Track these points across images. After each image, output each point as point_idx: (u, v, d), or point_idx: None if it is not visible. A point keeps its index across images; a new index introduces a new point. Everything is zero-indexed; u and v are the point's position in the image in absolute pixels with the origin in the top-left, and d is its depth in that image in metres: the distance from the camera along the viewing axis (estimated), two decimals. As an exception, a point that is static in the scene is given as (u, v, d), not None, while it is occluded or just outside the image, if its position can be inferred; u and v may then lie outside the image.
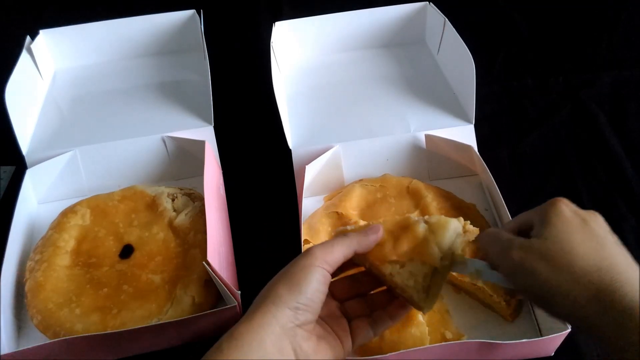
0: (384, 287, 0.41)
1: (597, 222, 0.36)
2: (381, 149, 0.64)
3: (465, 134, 0.64)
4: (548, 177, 0.66)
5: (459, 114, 0.66)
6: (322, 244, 0.38)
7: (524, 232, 0.38)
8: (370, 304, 0.41)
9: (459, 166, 0.64)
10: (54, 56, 0.77)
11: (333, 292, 0.41)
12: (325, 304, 0.38)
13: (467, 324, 0.52)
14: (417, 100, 0.69)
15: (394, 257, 0.38)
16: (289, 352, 0.34)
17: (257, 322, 0.34)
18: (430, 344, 0.48)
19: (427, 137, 0.63)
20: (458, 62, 0.67)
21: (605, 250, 0.34)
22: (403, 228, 0.40)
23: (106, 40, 0.77)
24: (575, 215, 0.37)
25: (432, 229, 0.39)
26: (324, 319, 0.39)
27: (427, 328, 0.49)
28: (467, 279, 0.52)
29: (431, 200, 0.59)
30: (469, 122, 0.65)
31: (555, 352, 0.49)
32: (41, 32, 0.74)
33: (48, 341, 0.48)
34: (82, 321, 0.50)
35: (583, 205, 0.38)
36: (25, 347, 0.46)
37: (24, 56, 0.68)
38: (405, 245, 0.39)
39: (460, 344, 0.46)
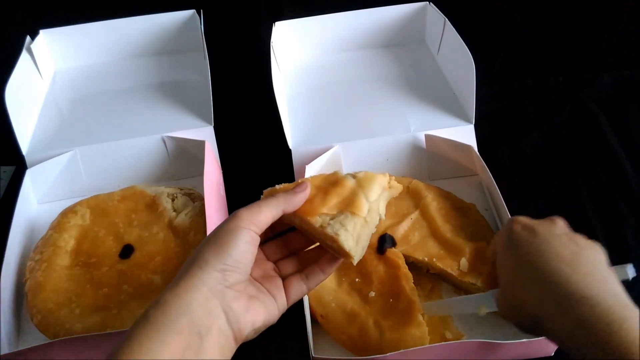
0: (315, 245, 0.43)
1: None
2: (381, 149, 0.64)
3: (465, 134, 0.64)
4: (548, 177, 0.66)
5: (459, 114, 0.66)
6: (249, 206, 0.38)
7: None
8: (302, 262, 0.42)
9: (459, 166, 0.64)
10: (54, 56, 0.77)
11: (266, 254, 0.42)
12: (259, 265, 0.40)
13: (467, 324, 0.52)
14: (417, 100, 0.69)
15: (324, 210, 0.39)
16: (218, 313, 0.34)
17: (184, 286, 0.34)
18: (430, 344, 0.48)
19: (427, 137, 0.63)
20: (458, 62, 0.67)
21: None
22: (332, 183, 0.41)
23: (106, 40, 0.77)
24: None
25: (359, 183, 0.41)
26: (258, 280, 0.39)
27: (427, 328, 0.49)
28: (467, 279, 0.52)
29: (431, 200, 0.59)
30: (469, 122, 0.65)
31: (555, 352, 0.49)
32: (41, 32, 0.74)
33: (48, 341, 0.48)
34: (82, 321, 0.50)
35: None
36: (25, 347, 0.46)
37: (24, 56, 0.68)
38: (334, 199, 0.40)
39: (460, 343, 0.46)
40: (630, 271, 0.38)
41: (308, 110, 0.69)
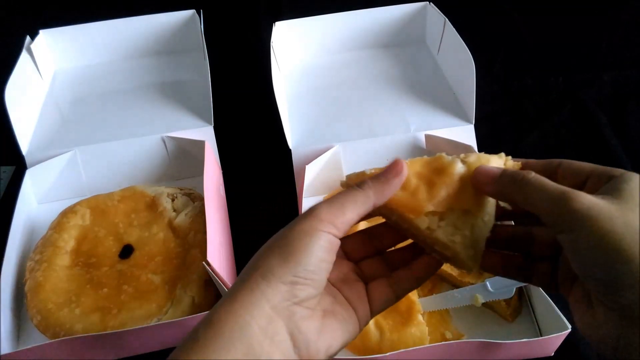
0: (407, 242, 0.35)
1: None
2: (381, 149, 0.64)
3: (465, 134, 0.64)
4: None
5: (459, 114, 0.66)
6: (329, 201, 0.30)
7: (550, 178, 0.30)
8: (389, 263, 0.35)
9: (459, 166, 0.64)
10: (54, 56, 0.77)
11: (346, 251, 0.35)
12: (337, 266, 0.32)
13: (467, 324, 0.52)
14: (417, 100, 0.69)
15: (431, 207, 0.31)
16: (283, 338, 0.27)
17: (241, 302, 0.27)
18: (430, 344, 0.48)
19: (427, 137, 0.63)
20: (458, 62, 0.67)
21: None
22: (437, 171, 0.33)
23: (106, 40, 0.77)
24: None
25: (471, 169, 0.32)
26: (336, 285, 0.33)
27: (427, 328, 0.49)
28: (467, 279, 0.52)
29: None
30: (469, 122, 0.65)
31: (555, 352, 0.49)
32: (41, 32, 0.74)
33: (48, 341, 0.48)
34: (82, 321, 0.50)
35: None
36: (25, 347, 0.46)
37: (24, 56, 0.68)
38: (442, 191, 0.31)
39: (460, 343, 0.46)
40: None
41: (308, 110, 0.69)
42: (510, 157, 0.34)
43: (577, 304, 0.29)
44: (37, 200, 0.64)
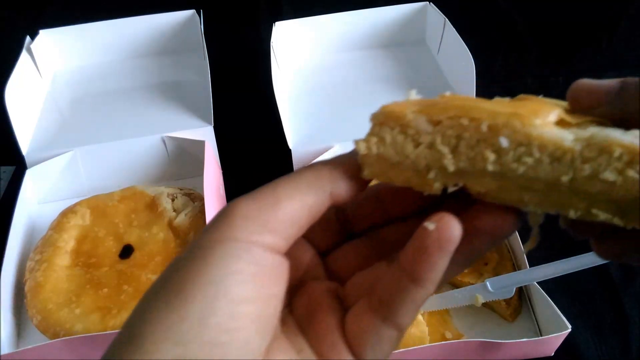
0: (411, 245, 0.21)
1: None
2: (381, 149, 0.64)
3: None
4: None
5: (459, 114, 0.66)
6: (257, 192, 0.21)
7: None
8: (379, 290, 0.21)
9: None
10: (54, 56, 0.77)
11: (332, 264, 0.23)
12: (309, 290, 0.22)
13: (467, 324, 0.52)
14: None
15: (551, 117, 0.20)
16: None
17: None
18: (430, 343, 0.48)
19: (427, 137, 0.63)
20: (458, 62, 0.67)
21: None
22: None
23: (106, 40, 0.77)
24: None
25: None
26: (298, 321, 0.21)
27: (427, 328, 0.49)
28: (467, 280, 0.52)
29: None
30: (469, 122, 0.64)
31: (555, 352, 0.49)
32: (41, 32, 0.74)
33: (48, 341, 0.48)
34: (82, 321, 0.50)
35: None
36: (25, 347, 0.46)
37: (24, 56, 0.68)
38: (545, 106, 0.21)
39: (460, 343, 0.46)
40: None
41: (308, 110, 0.69)
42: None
43: None
44: (37, 200, 0.64)
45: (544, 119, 0.20)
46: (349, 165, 0.22)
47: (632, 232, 0.19)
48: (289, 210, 0.20)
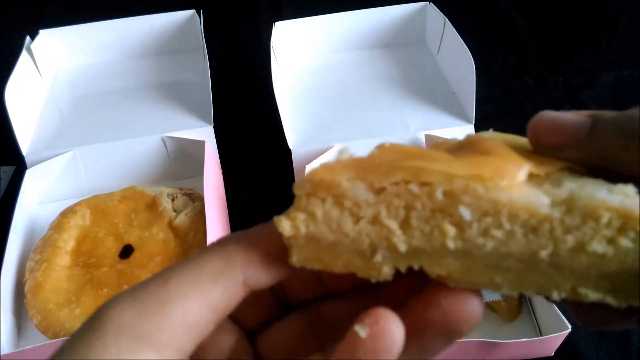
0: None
1: None
2: (381, 149, 0.64)
3: (465, 134, 0.64)
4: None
5: (459, 114, 0.66)
6: (143, 283, 0.17)
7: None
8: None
9: (459, 166, 0.64)
10: (54, 56, 0.77)
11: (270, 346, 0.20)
12: None
13: (467, 324, 0.52)
14: (417, 100, 0.69)
15: (533, 167, 0.17)
16: None
17: None
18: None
19: (427, 137, 0.63)
20: (458, 62, 0.67)
21: None
22: (463, 146, 0.21)
23: (106, 40, 0.77)
24: None
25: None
26: None
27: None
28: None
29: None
30: (469, 122, 0.65)
31: (555, 352, 0.49)
32: (41, 32, 0.74)
33: (48, 341, 0.48)
34: (82, 321, 0.50)
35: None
36: (25, 347, 0.46)
37: (24, 56, 0.68)
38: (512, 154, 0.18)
39: (460, 343, 0.46)
40: None
41: (308, 110, 0.69)
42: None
43: None
44: (37, 200, 0.64)
45: (511, 179, 0.16)
46: (269, 243, 0.18)
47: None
48: (181, 314, 0.15)
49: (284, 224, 0.18)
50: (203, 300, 0.16)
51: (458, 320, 0.16)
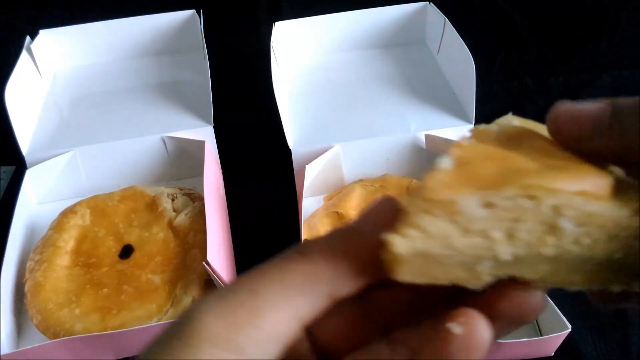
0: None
1: None
2: (381, 149, 0.64)
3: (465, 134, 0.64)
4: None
5: (459, 114, 0.66)
6: (231, 287, 0.17)
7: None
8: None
9: (459, 166, 0.64)
10: (54, 56, 0.77)
11: (329, 334, 0.19)
12: None
13: (467, 324, 0.52)
14: (417, 100, 0.69)
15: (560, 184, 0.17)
16: None
17: None
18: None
19: (427, 137, 0.63)
20: (458, 62, 0.67)
21: None
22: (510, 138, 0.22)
23: (106, 40, 0.77)
24: None
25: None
26: None
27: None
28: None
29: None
30: (469, 122, 0.65)
31: (555, 352, 0.49)
32: (41, 32, 0.74)
33: (48, 341, 0.48)
34: (82, 321, 0.50)
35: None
36: (25, 347, 0.46)
37: (23, 56, 0.68)
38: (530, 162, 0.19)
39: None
40: None
41: (308, 110, 0.69)
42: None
43: None
44: (37, 200, 0.64)
45: (601, 191, 0.18)
46: (358, 256, 0.17)
47: None
48: (272, 326, 0.15)
49: (397, 242, 0.17)
50: (291, 312, 0.16)
51: (527, 310, 0.18)
